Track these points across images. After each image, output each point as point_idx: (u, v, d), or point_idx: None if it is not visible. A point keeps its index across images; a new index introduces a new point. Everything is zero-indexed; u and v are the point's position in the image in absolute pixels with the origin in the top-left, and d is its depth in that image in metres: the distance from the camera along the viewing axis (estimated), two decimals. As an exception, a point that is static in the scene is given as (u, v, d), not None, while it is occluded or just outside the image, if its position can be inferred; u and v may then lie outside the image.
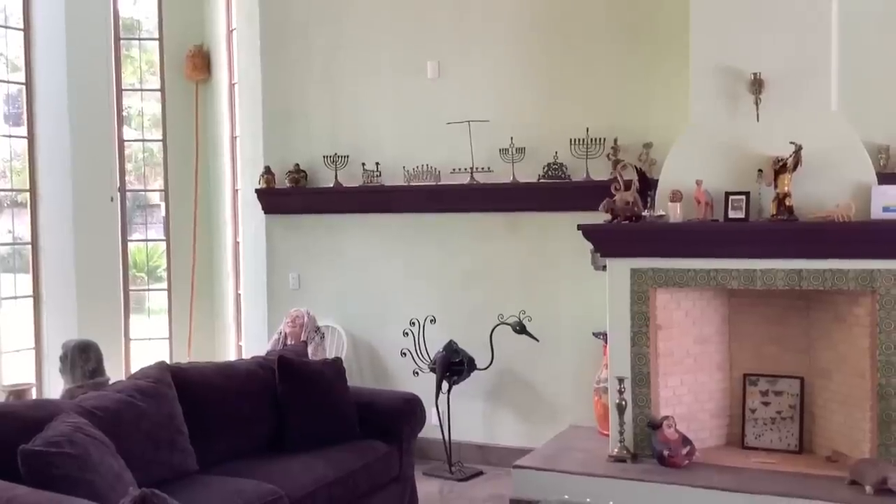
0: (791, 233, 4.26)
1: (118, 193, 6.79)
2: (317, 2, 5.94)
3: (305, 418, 4.18)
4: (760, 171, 4.36)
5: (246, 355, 6.21)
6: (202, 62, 6.83)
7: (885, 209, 4.15)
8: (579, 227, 4.64)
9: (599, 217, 4.69)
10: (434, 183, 5.55)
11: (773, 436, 4.66)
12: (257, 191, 6.04)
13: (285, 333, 5.66)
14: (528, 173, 5.32)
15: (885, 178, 4.33)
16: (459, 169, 5.47)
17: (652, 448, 4.45)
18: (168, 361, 4.17)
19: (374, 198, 5.71)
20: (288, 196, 5.95)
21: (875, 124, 4.55)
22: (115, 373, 5.38)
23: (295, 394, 4.22)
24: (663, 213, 4.56)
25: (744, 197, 4.40)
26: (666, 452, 4.38)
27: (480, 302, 5.49)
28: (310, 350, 5.38)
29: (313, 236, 5.98)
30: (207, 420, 3.90)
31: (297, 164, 5.92)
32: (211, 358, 6.30)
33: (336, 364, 4.48)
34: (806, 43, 4.32)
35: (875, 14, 4.58)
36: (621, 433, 4.55)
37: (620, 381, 4.55)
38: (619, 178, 4.68)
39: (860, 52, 4.56)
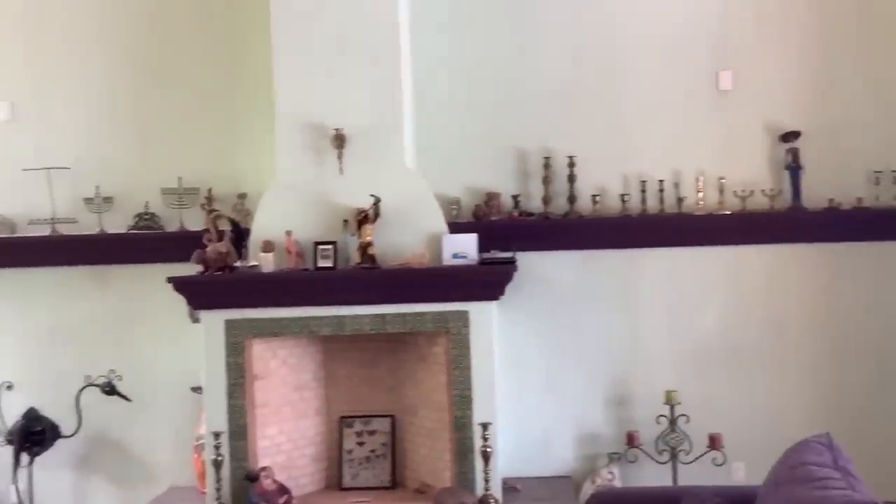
0: (373, 279, 4.50)
1: None
2: None
3: None
4: (346, 221, 4.57)
5: None
6: None
7: (455, 256, 4.56)
8: (169, 279, 4.49)
9: (196, 269, 4.59)
10: (9, 235, 5.05)
11: (368, 474, 4.86)
12: None
13: None
14: (118, 224, 5.07)
15: (458, 227, 4.77)
16: (39, 220, 5.03)
17: (249, 501, 4.39)
18: None
19: (-69, 252, 5.04)
20: None
21: (448, 178, 5.00)
22: None
23: None
24: (256, 263, 4.58)
25: (332, 246, 4.57)
26: (263, 504, 4.36)
27: (66, 364, 5.05)
28: None
29: None
30: None
31: None
32: None
33: None
34: (380, 102, 4.60)
35: (445, 77, 5.05)
36: (218, 490, 4.44)
37: (217, 435, 4.45)
38: (212, 228, 4.63)
39: (434, 111, 5.01)
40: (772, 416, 4.90)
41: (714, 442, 4.75)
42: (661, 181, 4.94)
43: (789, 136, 4.88)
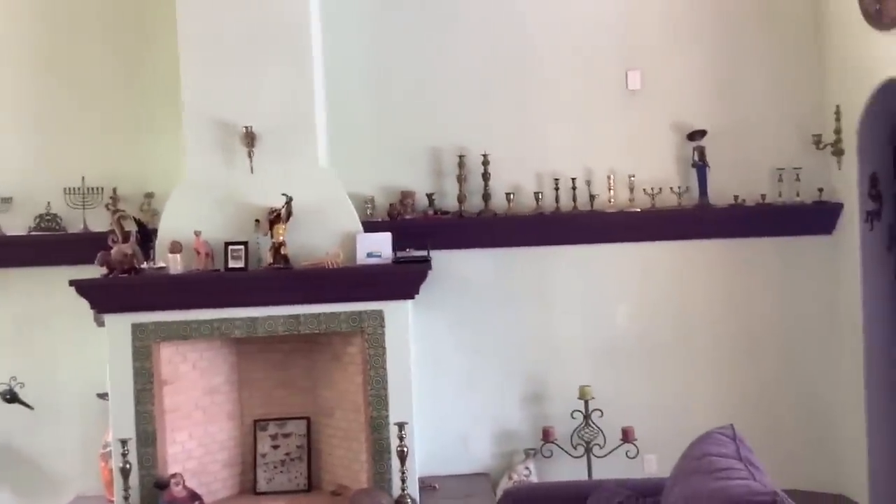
0: (287, 280, 4.43)
1: None
2: None
3: None
4: (258, 221, 4.49)
5: None
6: None
7: (369, 255, 4.53)
8: (72, 282, 4.33)
9: (100, 271, 4.44)
10: None
11: (283, 478, 4.78)
12: None
13: None
14: (18, 225, 4.88)
15: (372, 225, 4.74)
16: (-68, 221, 4.82)
17: (159, 509, 4.29)
18: None
19: None
20: None
21: (362, 177, 4.97)
22: None
23: None
24: (164, 264, 4.46)
25: (243, 247, 4.48)
26: (174, 512, 4.25)
27: (-36, 372, 4.84)
28: None
29: None
30: None
31: None
32: None
33: None
34: (292, 100, 4.54)
35: (359, 76, 5.01)
36: (126, 498, 4.31)
37: (124, 443, 4.32)
38: (117, 229, 4.49)
39: (348, 109, 4.97)
40: (681, 408, 5.01)
41: (627, 435, 4.83)
42: (573, 179, 5.00)
43: (696, 135, 5.00)
